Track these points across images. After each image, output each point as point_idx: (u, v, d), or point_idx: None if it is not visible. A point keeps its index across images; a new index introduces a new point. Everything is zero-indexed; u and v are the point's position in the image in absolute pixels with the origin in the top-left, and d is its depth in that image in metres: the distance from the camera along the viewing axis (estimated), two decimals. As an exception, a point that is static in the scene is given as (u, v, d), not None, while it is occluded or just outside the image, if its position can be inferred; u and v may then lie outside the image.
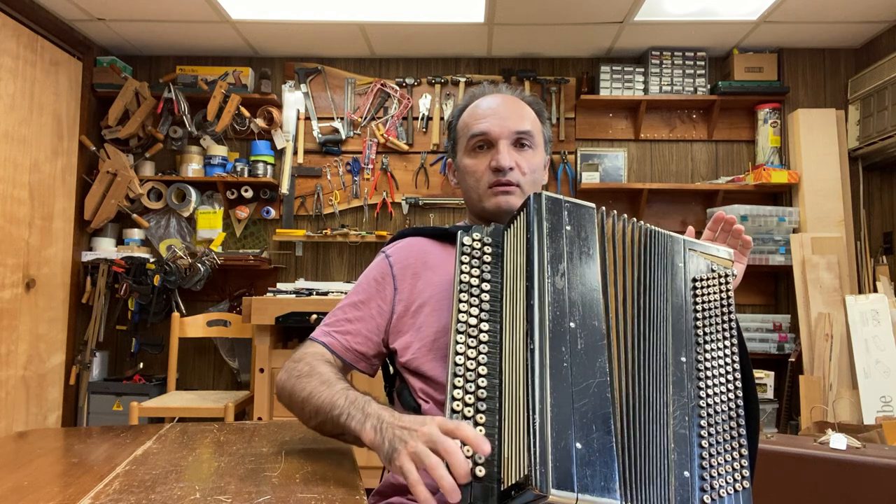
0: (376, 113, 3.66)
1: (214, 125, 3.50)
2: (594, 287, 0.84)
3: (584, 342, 0.79)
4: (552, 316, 0.79)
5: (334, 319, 1.11)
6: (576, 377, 0.76)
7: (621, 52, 3.62)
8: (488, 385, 0.81)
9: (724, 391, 0.89)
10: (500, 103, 1.13)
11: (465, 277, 0.89)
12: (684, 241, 0.97)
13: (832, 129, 3.41)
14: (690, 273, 0.96)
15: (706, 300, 0.94)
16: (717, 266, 0.98)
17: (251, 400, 3.02)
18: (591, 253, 0.86)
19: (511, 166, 1.08)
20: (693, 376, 0.88)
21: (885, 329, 2.95)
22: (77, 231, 3.43)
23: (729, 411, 0.88)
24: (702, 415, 0.86)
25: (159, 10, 3.11)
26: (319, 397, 0.92)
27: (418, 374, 1.03)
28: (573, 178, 3.63)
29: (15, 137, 2.95)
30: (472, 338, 0.84)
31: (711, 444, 0.85)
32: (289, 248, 3.66)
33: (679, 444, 0.83)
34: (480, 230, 0.94)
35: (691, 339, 0.91)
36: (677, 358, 0.88)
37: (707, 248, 0.99)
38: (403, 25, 3.28)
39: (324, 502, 0.71)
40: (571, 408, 0.74)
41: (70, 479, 0.79)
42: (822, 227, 3.30)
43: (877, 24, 3.24)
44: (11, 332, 2.96)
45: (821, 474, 1.87)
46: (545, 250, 0.83)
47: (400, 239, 1.17)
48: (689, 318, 0.92)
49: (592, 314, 0.82)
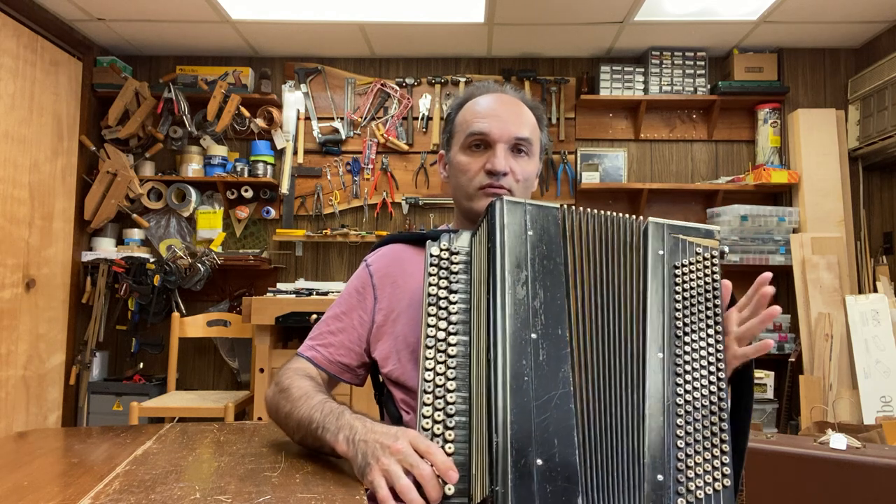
0: (376, 113, 3.66)
1: (214, 125, 3.50)
2: (557, 293, 0.82)
3: (546, 353, 0.78)
4: (513, 329, 0.77)
5: (317, 333, 1.12)
6: (537, 391, 0.75)
7: (621, 52, 3.62)
8: (458, 400, 0.79)
9: (707, 384, 0.85)
10: (503, 104, 1.11)
11: (432, 290, 0.86)
12: (665, 226, 0.92)
13: (832, 129, 3.41)
14: (671, 260, 0.90)
15: (688, 287, 0.89)
16: (703, 248, 0.92)
17: (251, 400, 3.02)
18: (553, 256, 0.83)
19: (506, 171, 1.06)
20: (671, 372, 0.84)
21: (885, 329, 2.95)
22: (77, 231, 3.43)
23: (710, 406, 0.84)
24: (679, 413, 0.83)
25: (159, 10, 3.11)
26: (299, 412, 0.93)
27: (398, 384, 1.04)
28: (573, 178, 3.63)
29: (15, 137, 2.95)
30: (441, 352, 0.82)
31: (689, 443, 0.82)
32: (289, 248, 3.66)
33: (653, 447, 0.80)
34: (448, 238, 0.90)
35: (671, 331, 0.86)
36: (654, 354, 0.84)
37: (690, 230, 0.93)
38: (403, 25, 3.28)
39: (324, 502, 0.71)
40: (531, 423, 0.73)
41: (70, 479, 0.79)
42: (822, 227, 3.30)
43: (877, 24, 3.24)
44: (11, 332, 2.96)
45: (821, 474, 1.87)
46: (506, 259, 0.81)
47: (381, 247, 1.17)
48: (668, 309, 0.87)
49: (556, 322, 0.80)
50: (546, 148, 1.20)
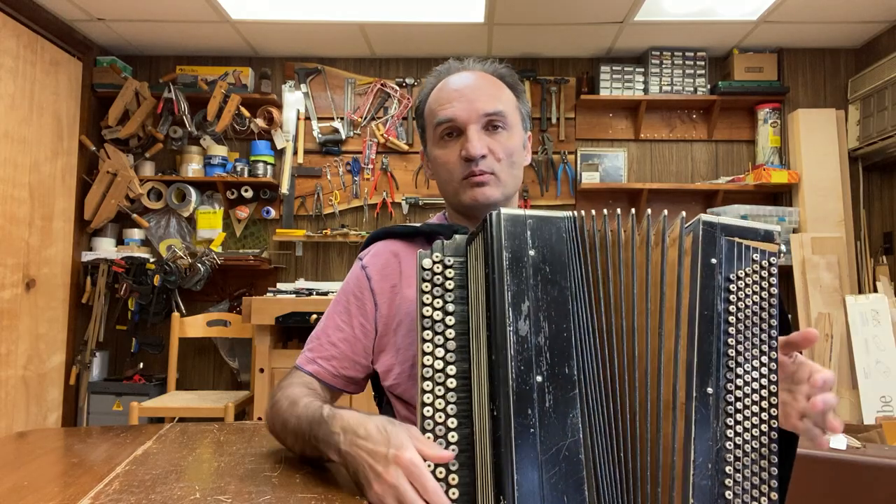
0: (376, 113, 3.66)
1: (214, 125, 3.50)
2: (563, 324, 0.73)
3: (552, 397, 0.70)
4: (516, 372, 0.70)
5: (317, 344, 1.04)
6: (544, 443, 0.69)
7: (621, 52, 3.62)
8: (460, 438, 0.74)
9: (758, 422, 0.75)
10: (468, 83, 1.03)
11: (427, 311, 0.77)
12: (720, 227, 0.78)
13: (832, 129, 3.41)
14: (724, 270, 0.76)
15: (742, 305, 0.76)
16: (759, 253, 0.78)
17: (251, 400, 3.02)
18: (558, 280, 0.74)
19: (483, 153, 0.98)
20: (721, 410, 0.74)
21: (885, 329, 2.95)
22: (77, 231, 3.43)
23: (760, 448, 0.74)
24: (728, 459, 0.73)
25: (159, 10, 3.11)
26: (290, 423, 0.88)
27: (402, 399, 0.99)
28: (573, 178, 3.63)
29: (15, 137, 2.95)
30: (440, 385, 0.75)
31: (737, 493, 0.73)
32: (289, 248, 3.66)
33: (700, 499, 0.71)
34: (441, 247, 0.81)
35: (720, 361, 0.75)
36: (702, 390, 0.73)
37: (748, 232, 0.79)
38: (403, 25, 3.28)
39: (324, 502, 0.71)
40: (540, 481, 0.68)
41: (70, 479, 0.78)
42: (822, 227, 3.30)
43: (877, 24, 3.24)
44: (11, 332, 2.96)
45: (821, 474, 1.86)
46: (506, 289, 0.72)
47: (374, 242, 1.09)
48: (719, 333, 0.75)
49: (562, 359, 0.72)
50: (527, 114, 1.11)
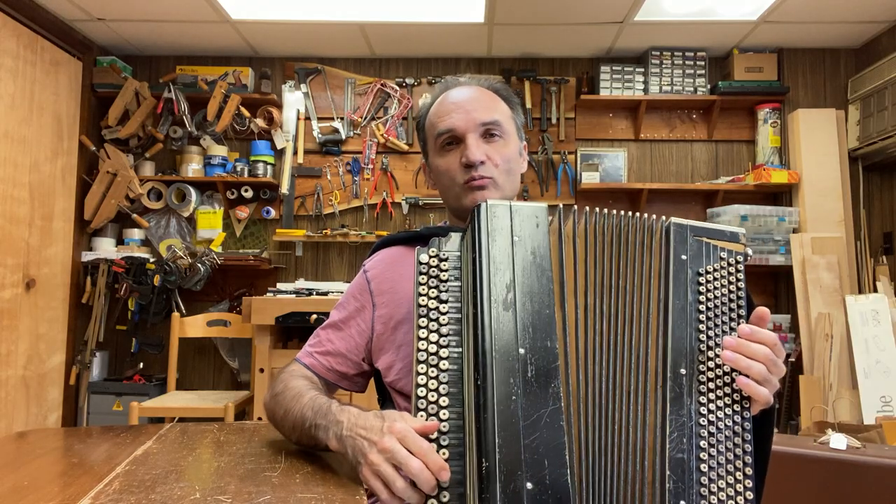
0: (376, 113, 3.66)
1: (214, 125, 3.50)
2: (547, 302, 0.78)
3: (534, 368, 0.75)
4: (500, 345, 0.75)
5: (317, 340, 1.12)
6: (526, 410, 0.73)
7: (621, 52, 3.62)
8: (451, 416, 0.77)
9: (731, 402, 0.81)
10: (466, 96, 1.10)
11: (422, 300, 0.82)
12: (688, 228, 0.87)
13: (832, 129, 3.41)
14: (694, 265, 0.85)
15: (712, 296, 0.84)
16: (727, 252, 0.87)
17: (251, 400, 3.02)
18: (541, 263, 0.80)
19: (482, 160, 1.05)
20: (694, 390, 0.80)
21: (885, 329, 2.95)
22: (77, 231, 3.43)
23: (734, 426, 0.80)
24: (702, 434, 0.79)
25: (159, 10, 3.11)
26: (292, 412, 0.93)
27: (402, 393, 1.04)
28: (573, 178, 3.63)
29: (15, 137, 2.95)
30: (433, 367, 0.79)
31: (712, 466, 0.78)
32: (289, 248, 3.66)
33: (676, 471, 0.76)
34: (438, 243, 0.86)
35: (694, 345, 0.82)
36: (675, 370, 0.80)
37: (714, 233, 0.88)
38: (403, 25, 3.28)
39: (324, 502, 0.71)
40: (521, 445, 0.72)
41: (70, 479, 0.79)
42: (822, 227, 3.30)
43: (877, 24, 3.24)
44: (11, 331, 2.96)
45: (821, 474, 1.86)
46: (492, 269, 0.78)
47: (379, 250, 1.16)
48: (691, 320, 0.82)
49: (545, 334, 0.77)
50: (522, 125, 1.18)
